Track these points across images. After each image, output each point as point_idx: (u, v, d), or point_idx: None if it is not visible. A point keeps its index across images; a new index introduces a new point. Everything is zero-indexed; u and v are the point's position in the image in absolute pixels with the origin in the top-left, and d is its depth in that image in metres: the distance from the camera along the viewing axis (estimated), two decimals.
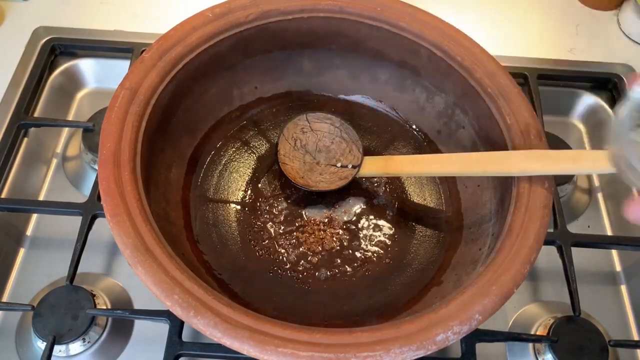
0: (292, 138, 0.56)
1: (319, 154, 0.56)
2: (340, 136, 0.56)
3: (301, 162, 0.55)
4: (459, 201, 0.55)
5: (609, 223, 0.62)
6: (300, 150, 0.56)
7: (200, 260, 0.50)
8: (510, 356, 0.52)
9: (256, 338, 0.35)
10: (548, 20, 0.78)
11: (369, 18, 0.53)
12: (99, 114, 0.61)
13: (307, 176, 0.55)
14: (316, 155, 0.56)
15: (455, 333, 0.37)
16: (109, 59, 0.68)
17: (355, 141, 0.56)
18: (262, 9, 0.52)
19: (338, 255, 0.53)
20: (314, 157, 0.56)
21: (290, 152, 0.55)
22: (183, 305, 0.36)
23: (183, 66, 0.50)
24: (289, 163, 0.55)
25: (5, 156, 0.58)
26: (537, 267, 0.58)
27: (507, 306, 0.49)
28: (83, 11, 0.74)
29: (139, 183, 0.42)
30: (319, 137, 0.56)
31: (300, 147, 0.56)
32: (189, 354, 0.48)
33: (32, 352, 0.50)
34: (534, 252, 0.41)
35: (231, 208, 0.56)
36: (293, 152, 0.56)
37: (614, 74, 0.69)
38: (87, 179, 0.61)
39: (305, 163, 0.55)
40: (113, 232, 0.39)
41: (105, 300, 0.52)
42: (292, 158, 0.55)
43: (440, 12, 0.54)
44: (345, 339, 0.36)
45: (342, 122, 0.56)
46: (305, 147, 0.56)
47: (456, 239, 0.53)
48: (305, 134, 0.56)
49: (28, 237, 0.58)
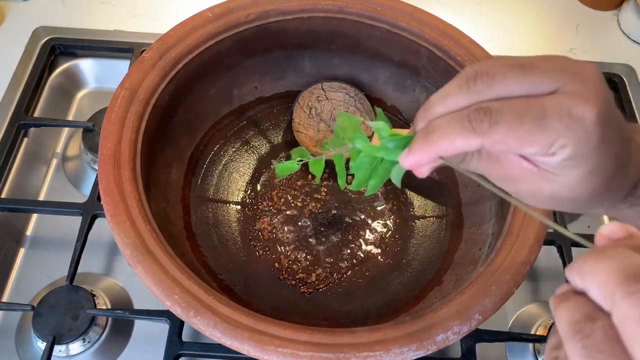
0: (307, 106, 0.56)
1: (334, 123, 0.56)
2: (355, 106, 0.56)
3: (315, 130, 0.55)
4: (459, 201, 0.55)
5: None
6: (315, 119, 0.56)
7: (200, 260, 0.50)
8: (510, 356, 0.52)
9: (256, 338, 0.35)
10: (548, 20, 0.78)
11: (369, 18, 0.53)
12: (99, 114, 0.61)
13: (320, 145, 0.55)
14: (330, 124, 0.56)
15: (455, 333, 0.37)
16: (109, 59, 0.68)
17: (369, 111, 0.56)
18: (262, 9, 0.52)
19: (338, 255, 0.53)
20: (329, 125, 0.56)
21: (305, 120, 0.55)
22: (183, 305, 0.36)
23: (183, 66, 0.50)
24: (303, 131, 0.55)
25: (5, 156, 0.58)
26: (537, 267, 0.58)
27: (507, 306, 0.49)
28: (83, 11, 0.74)
29: (139, 183, 0.42)
30: (334, 105, 0.56)
31: (315, 115, 0.56)
32: (189, 354, 0.48)
33: (32, 352, 0.50)
34: (534, 252, 0.41)
35: (231, 208, 0.56)
36: (308, 120, 0.56)
37: (614, 74, 0.69)
38: (87, 179, 0.61)
39: (320, 131, 0.55)
40: (113, 232, 0.39)
41: (105, 300, 0.52)
42: (306, 126, 0.55)
43: (440, 12, 0.54)
44: (345, 339, 0.36)
45: (357, 91, 0.56)
46: (320, 115, 0.56)
47: (456, 239, 0.53)
48: (321, 102, 0.56)
49: (28, 237, 0.58)
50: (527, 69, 0.25)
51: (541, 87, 0.25)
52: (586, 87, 0.25)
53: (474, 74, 0.26)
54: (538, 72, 0.25)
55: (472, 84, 0.26)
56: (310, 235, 0.54)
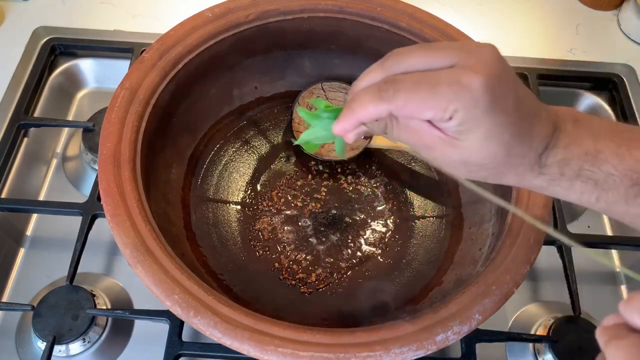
0: (307, 106, 0.56)
1: None
2: None
3: None
4: (459, 201, 0.55)
5: (609, 223, 0.62)
6: None
7: (200, 260, 0.50)
8: (510, 356, 0.52)
9: (256, 338, 0.35)
10: (548, 20, 0.78)
11: (369, 18, 0.53)
12: (99, 114, 0.61)
13: None
14: None
15: (455, 333, 0.37)
16: (109, 59, 0.68)
17: None
18: (262, 9, 0.52)
19: (338, 255, 0.53)
20: None
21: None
22: (183, 305, 0.36)
23: (183, 66, 0.50)
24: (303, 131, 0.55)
25: (5, 156, 0.58)
26: (537, 267, 0.58)
27: (507, 306, 0.49)
28: (83, 11, 0.74)
29: (139, 183, 0.42)
30: None
31: None
32: (189, 354, 0.48)
33: (32, 352, 0.50)
34: (534, 252, 0.41)
35: (231, 208, 0.56)
36: None
37: (614, 74, 0.69)
38: (87, 179, 0.61)
39: None
40: (113, 232, 0.39)
41: (105, 300, 0.52)
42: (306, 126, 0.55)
43: (440, 12, 0.54)
44: (345, 339, 0.36)
45: None
46: None
47: (456, 239, 0.53)
48: None
49: (28, 237, 0.58)
50: (432, 49, 0.30)
51: (441, 62, 0.29)
52: (478, 61, 0.29)
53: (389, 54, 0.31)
54: (439, 50, 0.30)
55: (385, 62, 0.31)
56: (310, 235, 0.54)
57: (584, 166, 0.30)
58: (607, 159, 0.30)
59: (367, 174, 0.58)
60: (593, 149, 0.30)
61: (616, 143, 0.30)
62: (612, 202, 0.30)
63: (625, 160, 0.29)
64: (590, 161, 0.30)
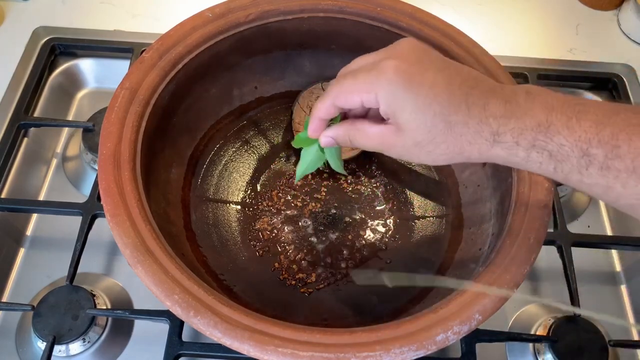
0: (307, 106, 0.56)
1: None
2: None
3: None
4: (459, 201, 0.55)
5: (609, 223, 0.62)
6: None
7: (200, 260, 0.50)
8: (510, 356, 0.52)
9: (256, 338, 0.35)
10: (548, 20, 0.78)
11: (369, 18, 0.53)
12: (99, 114, 0.61)
13: None
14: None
15: (455, 333, 0.37)
16: (109, 59, 0.68)
17: None
18: (262, 9, 0.52)
19: (338, 255, 0.53)
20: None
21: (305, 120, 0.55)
22: (183, 305, 0.36)
23: (183, 66, 0.50)
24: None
25: (5, 156, 0.58)
26: (537, 267, 0.58)
27: (507, 306, 0.49)
28: (83, 11, 0.74)
29: (139, 183, 0.42)
30: None
31: None
32: (189, 354, 0.48)
33: (32, 352, 0.50)
34: (534, 252, 0.41)
35: (231, 208, 0.56)
36: None
37: (614, 74, 0.69)
38: (87, 179, 0.61)
39: None
40: (113, 232, 0.39)
41: (105, 300, 0.52)
42: None
43: (440, 12, 0.54)
44: (345, 339, 0.36)
45: None
46: None
47: (456, 239, 0.53)
48: None
49: (28, 237, 0.58)
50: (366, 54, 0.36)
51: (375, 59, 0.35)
52: (394, 50, 0.35)
53: None
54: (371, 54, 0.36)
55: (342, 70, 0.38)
56: (310, 235, 0.54)
57: (537, 137, 0.31)
58: (559, 130, 0.31)
59: (367, 174, 0.58)
60: (545, 120, 0.31)
61: (567, 115, 0.31)
62: (567, 172, 0.31)
63: (575, 131, 0.30)
64: (543, 132, 0.31)
